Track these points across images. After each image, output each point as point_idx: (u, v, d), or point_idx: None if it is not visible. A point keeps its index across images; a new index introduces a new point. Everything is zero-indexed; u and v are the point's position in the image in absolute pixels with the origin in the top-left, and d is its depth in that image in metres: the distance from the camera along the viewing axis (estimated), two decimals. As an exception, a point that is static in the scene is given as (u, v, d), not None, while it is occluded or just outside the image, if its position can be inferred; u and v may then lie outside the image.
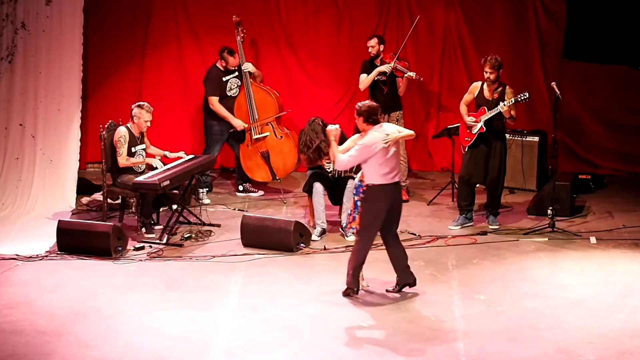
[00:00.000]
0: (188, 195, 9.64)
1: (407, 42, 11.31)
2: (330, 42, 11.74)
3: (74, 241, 8.71)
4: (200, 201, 10.25)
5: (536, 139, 10.92)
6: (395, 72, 10.28)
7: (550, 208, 9.32)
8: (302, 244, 8.89)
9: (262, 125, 10.67)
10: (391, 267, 8.43)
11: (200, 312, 7.35)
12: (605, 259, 8.58)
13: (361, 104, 7.62)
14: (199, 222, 9.58)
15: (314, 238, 9.11)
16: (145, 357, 6.59)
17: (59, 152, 10.15)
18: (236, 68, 10.67)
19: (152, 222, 9.37)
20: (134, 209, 9.40)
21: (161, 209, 9.67)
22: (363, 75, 10.44)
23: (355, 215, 7.64)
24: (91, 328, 7.04)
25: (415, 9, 11.54)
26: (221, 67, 10.62)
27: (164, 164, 9.45)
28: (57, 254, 8.71)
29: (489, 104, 9.27)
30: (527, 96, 9.15)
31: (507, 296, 7.68)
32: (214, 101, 10.59)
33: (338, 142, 7.97)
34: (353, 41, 11.64)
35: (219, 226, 9.53)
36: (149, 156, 9.54)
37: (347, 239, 9.09)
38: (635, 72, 10.82)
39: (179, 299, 7.65)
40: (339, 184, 9.29)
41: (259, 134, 10.67)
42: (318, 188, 9.22)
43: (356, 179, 7.76)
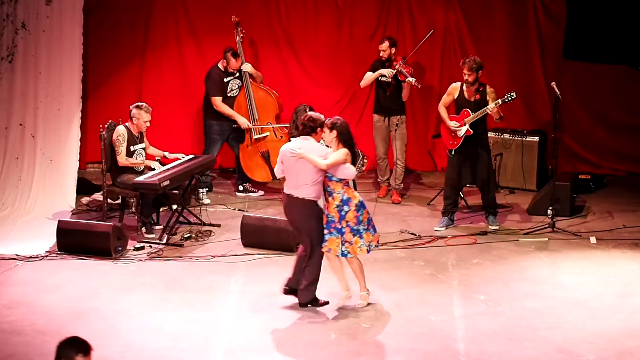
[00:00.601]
0: (188, 195, 9.64)
1: (407, 42, 11.34)
2: (330, 42, 11.74)
3: (74, 241, 8.71)
4: (200, 201, 10.25)
5: (536, 139, 10.92)
6: (399, 75, 10.26)
7: (550, 208, 9.32)
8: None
9: (262, 126, 10.67)
10: (391, 267, 8.45)
11: (200, 312, 7.35)
12: (605, 259, 8.58)
13: (307, 114, 7.60)
14: (199, 222, 9.59)
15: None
16: (145, 357, 6.60)
17: (59, 152, 10.15)
18: (236, 71, 10.65)
19: (152, 222, 9.37)
20: (134, 209, 9.40)
21: (161, 209, 9.67)
22: (368, 72, 10.42)
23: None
24: (91, 328, 7.03)
25: (416, 9, 11.54)
26: (222, 68, 10.62)
27: (163, 164, 9.45)
28: (57, 254, 8.71)
29: (471, 105, 9.26)
30: (514, 96, 9.12)
31: (507, 296, 7.68)
32: (217, 101, 10.58)
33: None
34: (353, 41, 11.65)
35: (219, 226, 9.53)
36: (148, 157, 9.53)
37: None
38: (635, 72, 10.82)
39: (179, 299, 7.65)
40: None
41: (259, 134, 10.67)
42: None
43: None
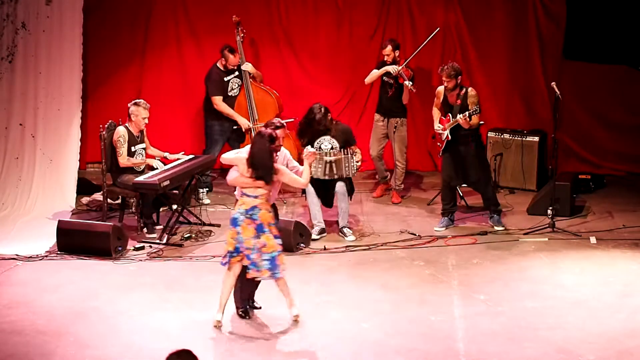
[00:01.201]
0: (188, 195, 9.64)
1: (407, 42, 11.34)
2: (330, 42, 11.74)
3: (74, 241, 8.71)
4: (200, 201, 10.25)
5: (536, 139, 10.91)
6: (399, 78, 10.27)
7: (550, 208, 9.32)
8: (302, 244, 8.90)
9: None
10: (391, 267, 8.45)
11: (200, 312, 7.34)
12: (605, 259, 8.57)
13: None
14: (199, 222, 9.59)
15: (313, 237, 9.11)
16: (145, 357, 6.60)
17: (59, 152, 10.16)
18: (236, 68, 10.66)
19: (153, 222, 9.37)
20: (134, 209, 9.41)
21: (161, 209, 9.67)
22: (374, 70, 10.43)
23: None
24: (91, 328, 7.04)
25: (416, 9, 11.54)
26: (221, 67, 10.62)
27: (164, 164, 9.45)
28: (57, 254, 8.71)
29: (452, 110, 9.30)
30: (477, 110, 9.09)
31: (507, 296, 7.68)
32: (217, 101, 10.58)
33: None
34: (353, 41, 11.65)
35: (219, 226, 9.52)
36: (148, 157, 9.53)
37: (347, 239, 9.10)
38: (635, 72, 10.82)
39: (179, 299, 7.65)
40: (327, 189, 9.25)
41: (259, 134, 10.65)
42: (309, 189, 9.20)
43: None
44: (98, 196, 10.17)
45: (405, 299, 7.63)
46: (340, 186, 9.18)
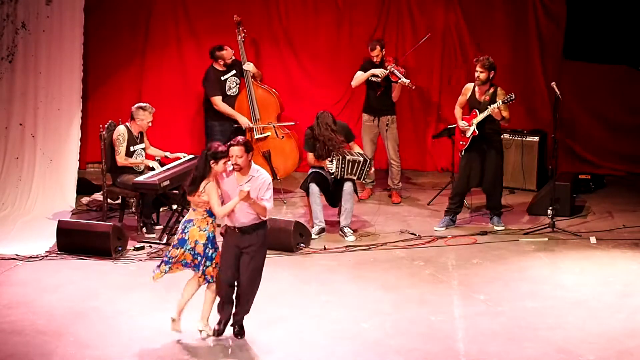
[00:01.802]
0: (188, 195, 9.62)
1: (407, 42, 11.35)
2: (330, 42, 11.74)
3: (74, 241, 8.71)
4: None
5: (536, 139, 10.91)
6: (391, 76, 10.27)
7: (550, 208, 9.32)
8: (302, 244, 8.89)
9: (263, 126, 10.67)
10: (391, 267, 8.45)
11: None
12: (605, 259, 8.58)
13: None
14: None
15: (313, 237, 9.11)
16: (145, 357, 6.59)
17: (59, 152, 10.16)
18: (234, 60, 10.60)
19: (152, 222, 9.37)
20: (134, 209, 9.40)
21: (161, 209, 9.67)
22: (359, 72, 10.43)
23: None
24: (91, 328, 7.04)
25: (416, 9, 11.54)
26: (219, 67, 10.60)
27: (163, 164, 9.44)
28: (57, 254, 8.71)
29: (480, 106, 9.24)
30: (513, 97, 9.08)
31: (507, 296, 7.68)
32: (217, 101, 10.57)
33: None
34: (353, 41, 11.64)
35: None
36: (148, 157, 9.52)
37: (347, 239, 9.10)
38: (635, 72, 10.83)
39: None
40: (337, 187, 9.27)
41: (261, 134, 10.66)
42: (313, 189, 9.21)
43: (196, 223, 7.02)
44: (98, 196, 10.17)
45: (405, 299, 7.63)
46: (348, 186, 9.18)
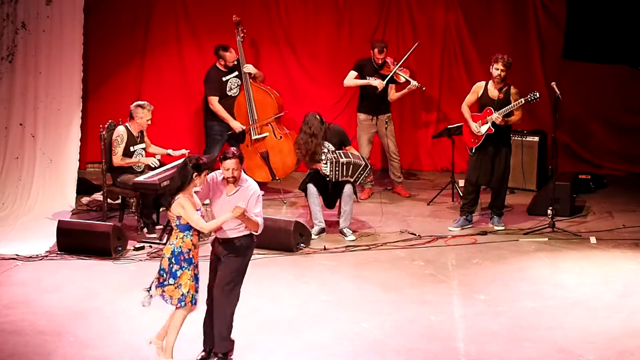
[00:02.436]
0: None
1: (407, 42, 11.35)
2: (330, 42, 11.74)
3: (74, 241, 8.71)
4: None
5: (536, 139, 10.91)
6: (395, 77, 10.26)
7: (550, 208, 9.32)
8: (302, 244, 8.89)
9: (261, 126, 10.67)
10: (391, 267, 8.44)
11: (200, 312, 7.32)
12: (605, 259, 8.58)
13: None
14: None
15: (312, 237, 9.11)
16: (145, 357, 6.59)
17: (59, 152, 10.15)
18: (235, 64, 10.61)
19: (152, 222, 9.37)
20: (134, 209, 9.40)
21: (161, 209, 9.66)
22: (353, 73, 10.42)
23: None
24: (91, 328, 7.04)
25: (416, 9, 11.55)
26: (221, 67, 10.61)
27: (163, 164, 9.43)
28: (57, 254, 8.70)
29: (494, 104, 9.21)
30: (537, 96, 9.06)
31: (507, 296, 7.68)
32: (213, 101, 10.57)
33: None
34: (353, 41, 11.65)
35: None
36: (148, 155, 9.51)
37: (347, 239, 9.10)
38: (635, 72, 10.83)
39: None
40: (335, 188, 9.26)
41: (259, 134, 10.66)
42: (311, 190, 9.20)
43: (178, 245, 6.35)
44: (98, 196, 10.17)
45: (405, 299, 7.63)
46: (348, 188, 9.16)
